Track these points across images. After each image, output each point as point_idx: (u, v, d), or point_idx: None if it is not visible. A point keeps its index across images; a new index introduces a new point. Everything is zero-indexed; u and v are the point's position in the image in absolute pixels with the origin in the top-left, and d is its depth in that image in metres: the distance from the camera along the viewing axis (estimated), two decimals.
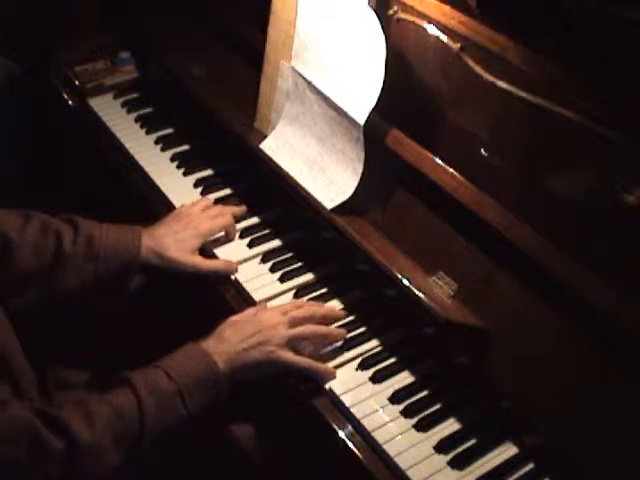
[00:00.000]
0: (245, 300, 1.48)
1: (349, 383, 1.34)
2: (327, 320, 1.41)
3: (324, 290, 1.50)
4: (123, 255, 1.41)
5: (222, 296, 1.50)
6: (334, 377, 1.34)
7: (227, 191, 1.72)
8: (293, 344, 1.34)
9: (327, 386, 1.33)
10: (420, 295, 1.32)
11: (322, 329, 1.38)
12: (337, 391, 1.32)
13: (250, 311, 1.39)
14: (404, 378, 1.36)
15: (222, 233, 1.58)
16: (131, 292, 1.46)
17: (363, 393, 1.33)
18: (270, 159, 1.61)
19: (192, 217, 1.54)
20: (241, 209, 1.63)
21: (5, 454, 1.08)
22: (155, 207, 1.70)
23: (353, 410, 1.30)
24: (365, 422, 1.28)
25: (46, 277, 1.37)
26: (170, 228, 1.50)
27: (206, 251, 1.56)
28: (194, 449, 1.41)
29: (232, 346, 1.29)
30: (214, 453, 1.42)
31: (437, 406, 1.32)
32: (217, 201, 1.65)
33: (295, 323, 1.35)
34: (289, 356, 1.32)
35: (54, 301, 1.39)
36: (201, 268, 1.49)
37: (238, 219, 1.63)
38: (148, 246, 1.45)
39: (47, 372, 1.39)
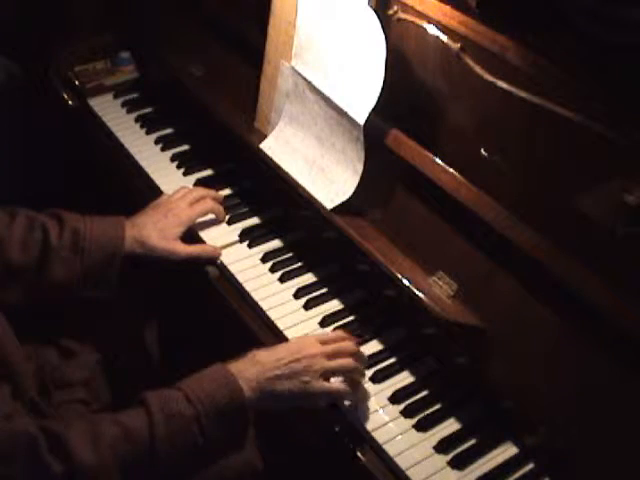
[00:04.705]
0: (244, 300, 1.48)
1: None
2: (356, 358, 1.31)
3: (324, 290, 1.50)
4: (108, 247, 1.43)
5: (222, 296, 1.50)
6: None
7: (227, 191, 1.72)
8: (326, 375, 1.26)
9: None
10: (420, 295, 1.32)
11: (359, 368, 1.29)
12: None
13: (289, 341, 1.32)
14: (404, 378, 1.36)
15: (212, 216, 1.60)
16: (132, 284, 1.47)
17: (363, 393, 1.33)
18: (270, 159, 1.61)
19: (172, 205, 1.56)
20: (217, 194, 1.64)
21: (1, 471, 1.04)
22: None
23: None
24: (365, 422, 1.28)
25: (34, 271, 1.39)
26: (152, 217, 1.53)
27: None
28: None
29: (264, 371, 1.19)
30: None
31: (437, 406, 1.32)
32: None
33: (334, 355, 1.27)
34: (325, 385, 1.24)
35: (42, 294, 1.41)
36: (183, 255, 1.51)
37: (238, 218, 1.64)
38: (131, 236, 1.47)
39: (45, 369, 1.39)
